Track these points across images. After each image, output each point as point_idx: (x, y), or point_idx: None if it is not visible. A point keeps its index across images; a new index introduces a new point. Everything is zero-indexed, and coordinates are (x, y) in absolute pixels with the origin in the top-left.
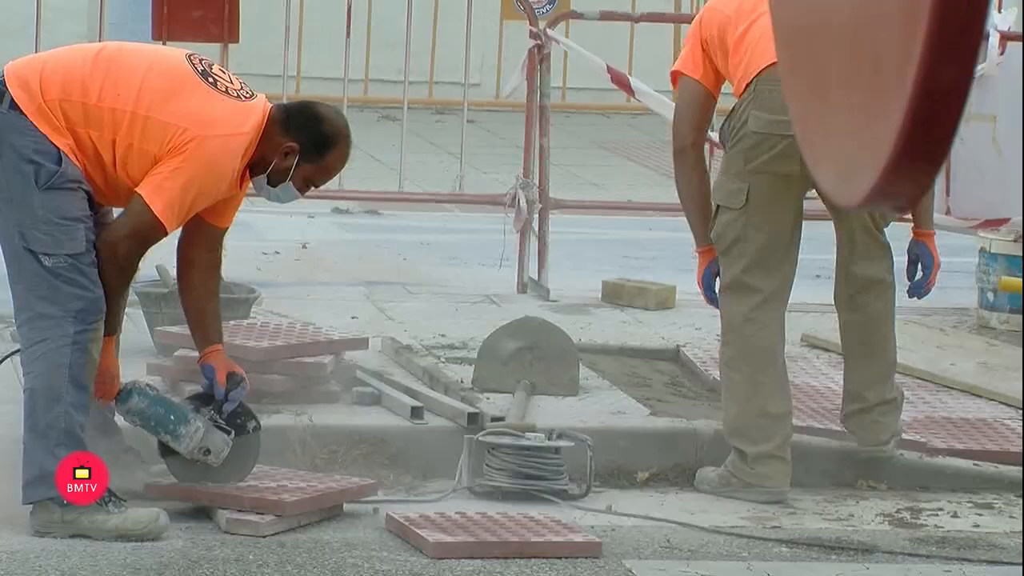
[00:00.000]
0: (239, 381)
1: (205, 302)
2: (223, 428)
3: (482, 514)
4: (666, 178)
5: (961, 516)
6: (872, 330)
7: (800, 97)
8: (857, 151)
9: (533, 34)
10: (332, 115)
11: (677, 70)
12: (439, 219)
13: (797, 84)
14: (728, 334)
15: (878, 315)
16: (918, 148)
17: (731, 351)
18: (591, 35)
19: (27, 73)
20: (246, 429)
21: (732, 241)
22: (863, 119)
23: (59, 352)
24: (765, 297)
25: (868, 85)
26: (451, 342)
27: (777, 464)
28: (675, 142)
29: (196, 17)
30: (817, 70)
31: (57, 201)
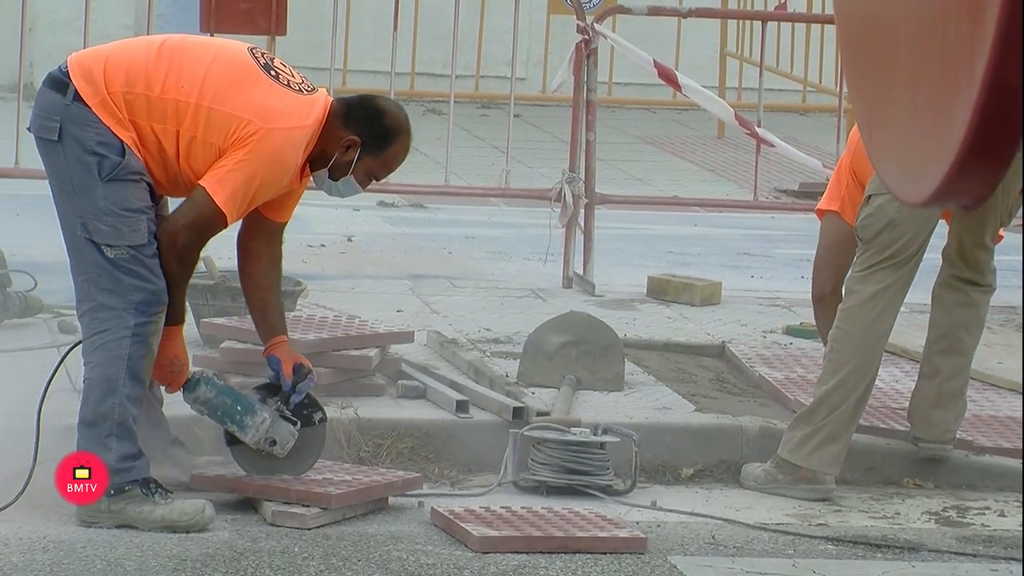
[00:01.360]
0: (306, 373)
1: (268, 295)
2: (289, 419)
3: (527, 509)
4: (712, 174)
5: (1008, 515)
6: (956, 328)
7: (866, 96)
8: (924, 149)
9: (580, 29)
10: (393, 108)
11: (824, 208)
12: (485, 213)
13: (863, 83)
14: (843, 321)
15: (966, 316)
16: (986, 145)
17: (839, 333)
18: (638, 30)
19: (91, 65)
20: (312, 421)
21: (885, 225)
22: (930, 117)
23: (118, 343)
24: (892, 283)
25: (935, 83)
26: (496, 336)
27: (832, 447)
28: (815, 290)
29: (244, 9)
30: (883, 69)
31: (120, 193)
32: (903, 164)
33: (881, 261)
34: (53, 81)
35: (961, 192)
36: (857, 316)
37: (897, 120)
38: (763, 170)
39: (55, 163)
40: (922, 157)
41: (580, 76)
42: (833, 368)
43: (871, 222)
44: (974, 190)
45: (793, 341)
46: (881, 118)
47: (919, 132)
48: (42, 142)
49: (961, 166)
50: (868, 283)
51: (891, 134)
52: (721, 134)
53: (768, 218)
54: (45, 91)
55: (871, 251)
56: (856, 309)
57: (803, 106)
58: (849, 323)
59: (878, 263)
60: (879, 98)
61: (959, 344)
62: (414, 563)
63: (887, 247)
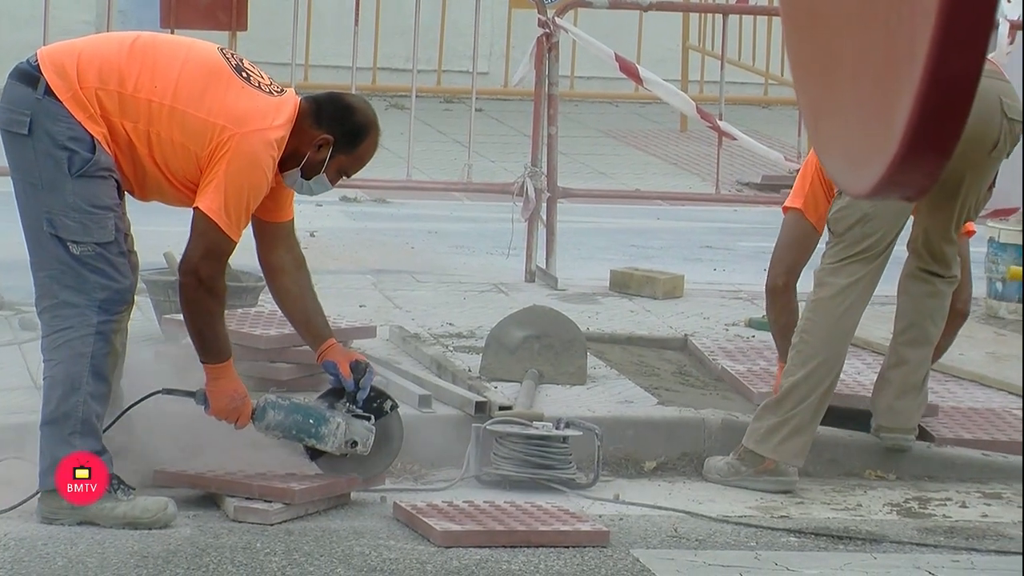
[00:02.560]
0: (364, 368)
1: (305, 302)
2: (362, 416)
3: (489, 503)
4: (675, 167)
5: (969, 506)
6: (922, 318)
7: (811, 85)
8: (867, 140)
9: (542, 22)
10: (362, 105)
11: (788, 206)
12: (447, 208)
13: (808, 72)
14: (813, 312)
15: (932, 306)
16: (928, 138)
17: (808, 324)
18: (600, 24)
19: (63, 59)
20: (384, 411)
21: (858, 219)
22: (874, 108)
23: (82, 341)
24: (862, 276)
25: (879, 74)
26: (459, 331)
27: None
28: (768, 282)
29: (204, 5)
30: (828, 58)
31: (89, 189)
32: (847, 156)
33: (854, 255)
34: (22, 75)
35: (903, 184)
36: (828, 308)
37: (841, 112)
38: (725, 163)
39: (23, 157)
40: (865, 149)
41: (542, 70)
42: (802, 360)
43: (844, 215)
44: (916, 182)
45: (755, 334)
46: (825, 110)
47: (862, 124)
48: (9, 135)
49: (903, 159)
50: (839, 275)
51: (835, 126)
52: (683, 127)
53: (730, 211)
54: (14, 84)
55: (843, 244)
56: (827, 301)
57: (765, 99)
58: (819, 314)
59: (850, 256)
60: (823, 90)
61: (925, 334)
62: (377, 558)
63: (859, 241)
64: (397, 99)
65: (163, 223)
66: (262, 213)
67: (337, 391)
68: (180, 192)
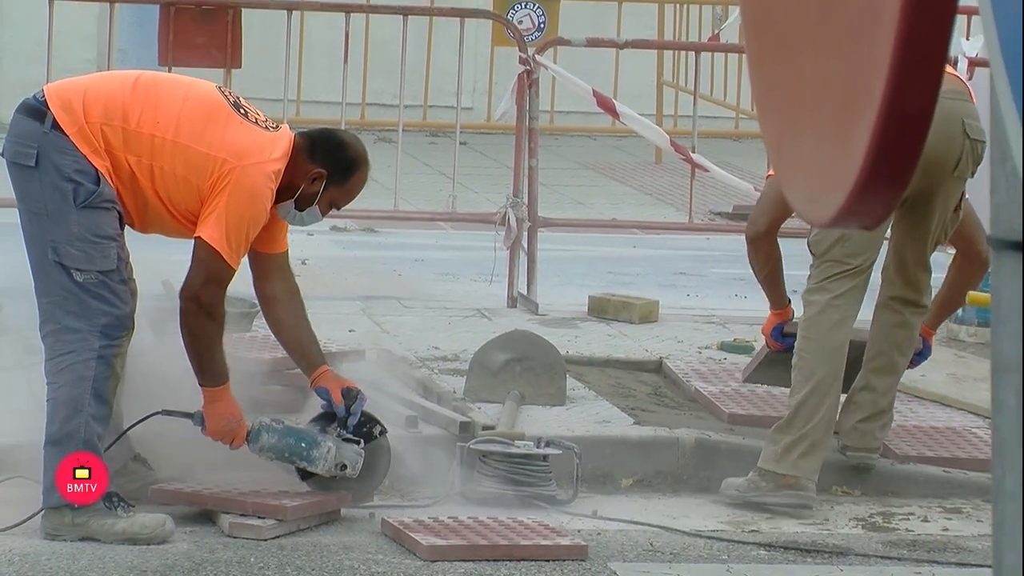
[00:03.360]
0: (355, 394)
1: (298, 332)
2: (352, 440)
3: (473, 518)
4: (650, 198)
5: (931, 520)
6: (891, 348)
7: (774, 117)
8: (827, 172)
9: (522, 60)
10: (353, 141)
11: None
12: (433, 236)
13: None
14: (807, 329)
15: (900, 337)
16: (884, 171)
17: (805, 342)
18: (578, 61)
19: (70, 95)
20: (374, 435)
21: (836, 240)
22: (833, 142)
23: (84, 365)
24: (848, 290)
25: (838, 109)
26: (444, 354)
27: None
28: (748, 229)
29: (200, 43)
30: (790, 92)
31: (93, 219)
32: (808, 186)
33: (836, 274)
34: (29, 109)
35: (861, 214)
36: (819, 324)
37: (802, 145)
38: (698, 193)
39: (29, 188)
40: (825, 180)
41: (523, 105)
42: (804, 377)
43: (823, 237)
44: (874, 212)
45: (727, 356)
46: (787, 143)
47: (823, 156)
48: (16, 167)
49: (861, 190)
50: (824, 293)
51: (797, 158)
52: (658, 160)
53: (703, 239)
54: (21, 119)
55: (824, 265)
56: (816, 318)
57: (735, 132)
58: (812, 331)
59: (833, 275)
60: (786, 124)
61: (892, 364)
62: (365, 571)
63: (840, 261)
64: (385, 133)
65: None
66: (258, 245)
67: (329, 415)
68: (180, 224)
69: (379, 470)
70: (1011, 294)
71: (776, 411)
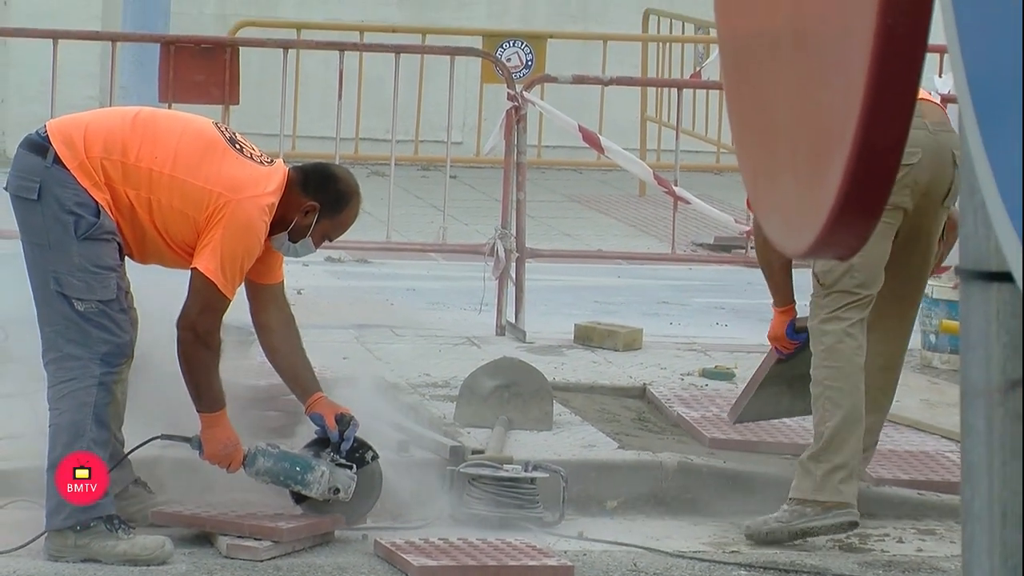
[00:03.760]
0: (348, 420)
1: (292, 359)
2: (345, 465)
3: (463, 540)
4: (634, 229)
5: (906, 541)
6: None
7: (750, 151)
8: (802, 204)
9: (511, 96)
10: (345, 175)
11: None
12: (424, 267)
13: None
14: (828, 359)
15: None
16: (856, 204)
17: (829, 371)
18: (564, 97)
19: (71, 131)
20: (366, 460)
21: (845, 271)
22: (807, 175)
23: (85, 391)
24: (859, 320)
25: (812, 144)
26: (435, 381)
27: (854, 481)
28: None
29: (199, 81)
30: (766, 127)
31: (94, 250)
32: (784, 219)
33: (846, 304)
34: (32, 144)
35: (836, 245)
36: (840, 352)
37: (778, 178)
38: (680, 225)
39: (32, 221)
40: (801, 211)
41: (511, 140)
42: (833, 405)
43: (831, 268)
44: (847, 243)
45: (708, 383)
46: (764, 176)
47: (797, 190)
48: (19, 201)
49: (835, 223)
50: (839, 322)
51: (773, 191)
52: (642, 192)
53: (685, 269)
54: (24, 154)
55: (834, 296)
56: (837, 346)
57: (716, 166)
58: (835, 359)
59: (844, 305)
60: (762, 159)
61: (876, 403)
62: None
63: (850, 291)
64: (378, 167)
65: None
66: (254, 276)
67: (322, 441)
68: (178, 255)
69: (371, 494)
70: (979, 322)
71: (756, 435)
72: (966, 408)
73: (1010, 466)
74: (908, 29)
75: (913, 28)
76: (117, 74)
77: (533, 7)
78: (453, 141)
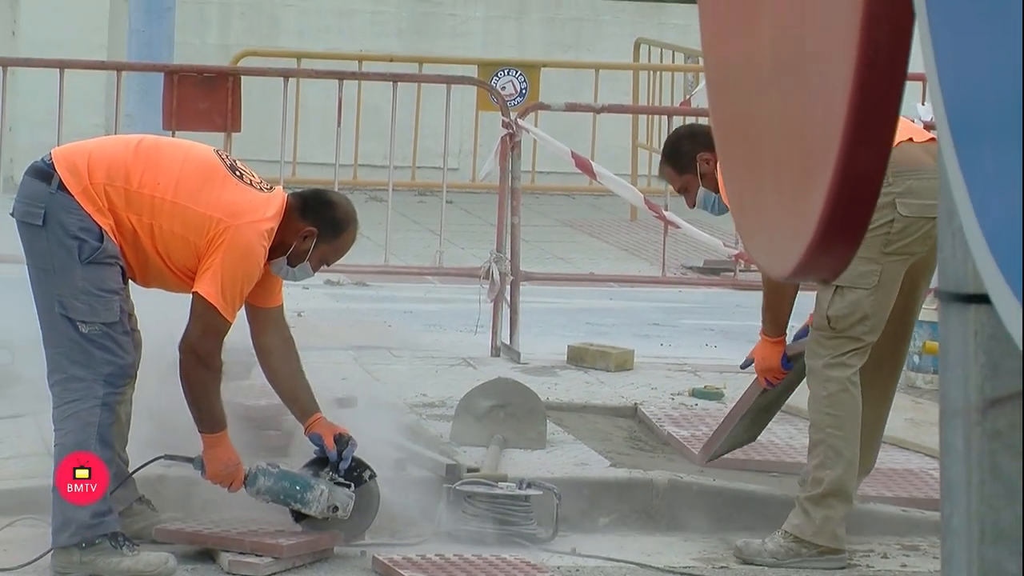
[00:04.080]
0: (347, 440)
1: (292, 381)
2: (343, 484)
3: (459, 556)
4: (626, 253)
5: (890, 556)
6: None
7: (736, 177)
8: (786, 228)
9: (505, 123)
10: (343, 201)
11: None
12: (421, 290)
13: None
14: (831, 407)
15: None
16: (838, 228)
17: (832, 419)
18: (558, 124)
19: (75, 158)
20: (363, 479)
21: (860, 319)
22: (791, 200)
23: (89, 412)
24: (860, 367)
25: (795, 169)
26: (431, 401)
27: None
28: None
29: (202, 109)
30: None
31: (97, 274)
32: (769, 242)
33: (853, 349)
34: (37, 171)
35: (818, 267)
36: (844, 402)
37: (763, 201)
38: (671, 249)
39: (37, 246)
40: (785, 236)
41: (506, 166)
42: (836, 453)
43: (847, 314)
44: (830, 266)
45: (698, 403)
46: (749, 200)
47: (782, 213)
48: (25, 226)
49: (818, 246)
50: (844, 369)
51: (758, 215)
52: (633, 217)
53: (676, 292)
54: (30, 181)
55: (841, 340)
56: (841, 395)
57: None
58: (839, 408)
59: (851, 350)
60: (748, 183)
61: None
62: None
63: (860, 337)
64: (376, 192)
65: None
66: (254, 300)
67: (321, 460)
68: (179, 279)
69: (369, 512)
70: (957, 343)
71: (745, 454)
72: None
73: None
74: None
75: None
76: (122, 103)
77: (527, 37)
78: (449, 167)
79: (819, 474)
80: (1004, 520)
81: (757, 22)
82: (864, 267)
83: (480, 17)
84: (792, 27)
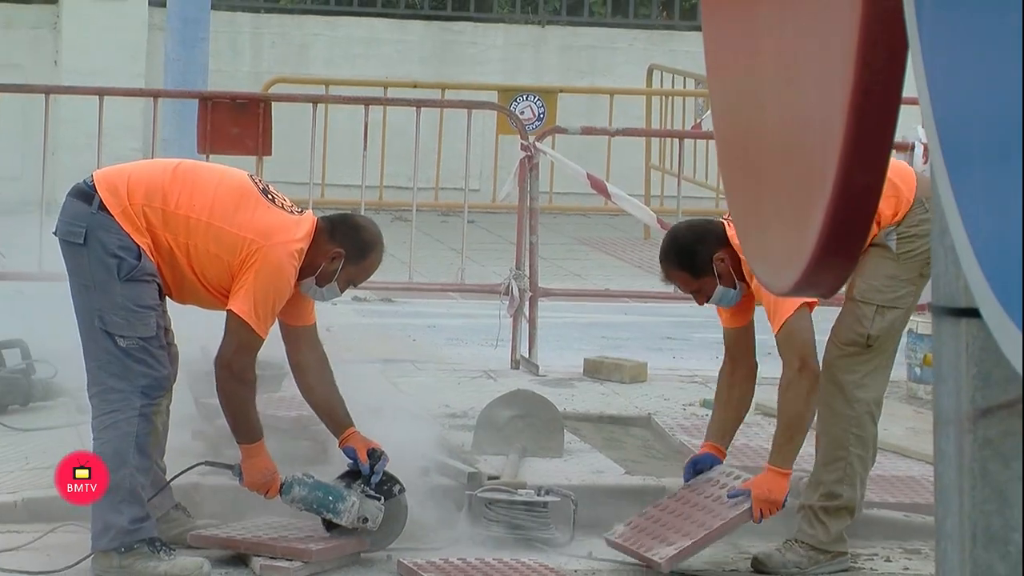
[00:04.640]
0: (379, 455)
1: (328, 396)
2: (374, 496)
3: (480, 560)
4: (640, 270)
5: (893, 560)
6: None
7: (739, 197)
8: (786, 246)
9: (524, 147)
10: (369, 224)
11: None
12: (444, 305)
13: (736, 185)
14: (856, 427)
15: None
16: (836, 246)
17: (856, 440)
18: (574, 147)
19: (115, 180)
20: (393, 493)
21: (895, 336)
22: (791, 218)
23: (127, 422)
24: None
25: (795, 189)
26: (454, 411)
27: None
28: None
29: (235, 134)
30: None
31: (135, 291)
32: (770, 259)
33: (883, 364)
34: (79, 192)
35: (818, 284)
36: (867, 424)
37: (765, 222)
38: None
39: (78, 263)
40: (785, 253)
41: (524, 187)
42: (854, 471)
43: (885, 333)
44: (828, 282)
45: (709, 412)
46: (751, 219)
47: (782, 231)
48: (67, 244)
49: (817, 263)
50: (867, 391)
51: (761, 234)
52: (647, 236)
53: (687, 307)
54: (72, 201)
55: (876, 355)
56: (866, 417)
57: (716, 211)
58: (863, 430)
59: (881, 367)
60: (750, 203)
61: None
62: None
63: (891, 353)
64: (401, 212)
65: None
66: (288, 319)
67: (354, 473)
68: (214, 296)
69: (396, 524)
70: (949, 355)
71: (752, 461)
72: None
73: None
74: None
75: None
76: (159, 128)
77: (545, 64)
78: (471, 188)
79: (837, 489)
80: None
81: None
82: (903, 289)
83: (500, 45)
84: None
